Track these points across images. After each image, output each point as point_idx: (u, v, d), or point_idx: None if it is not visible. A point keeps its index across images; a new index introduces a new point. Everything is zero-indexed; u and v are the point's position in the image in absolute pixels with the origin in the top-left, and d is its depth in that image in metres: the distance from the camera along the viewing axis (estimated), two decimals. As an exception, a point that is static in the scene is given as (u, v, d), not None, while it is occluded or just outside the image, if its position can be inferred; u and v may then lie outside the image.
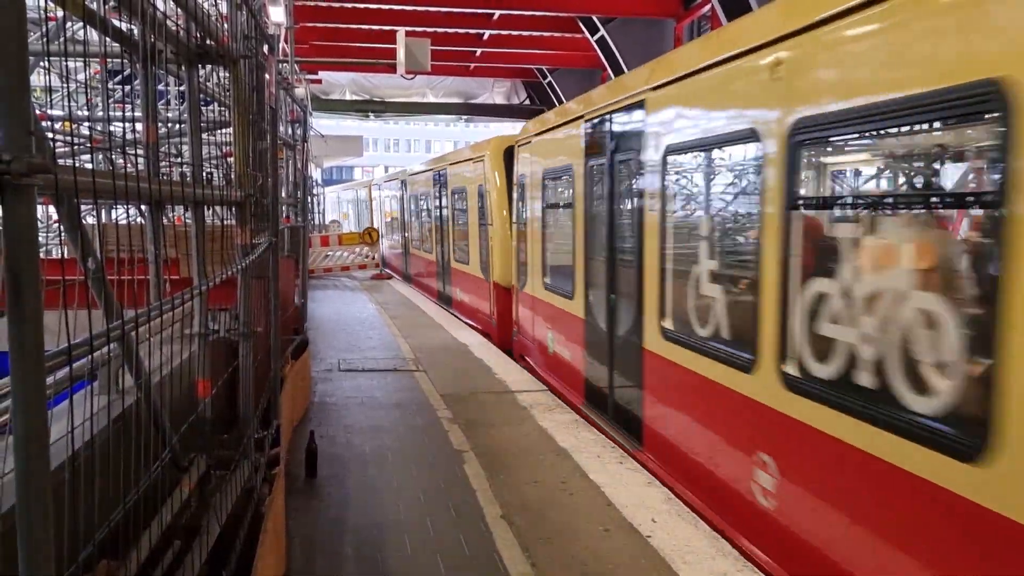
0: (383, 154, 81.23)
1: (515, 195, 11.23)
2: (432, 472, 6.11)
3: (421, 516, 5.25)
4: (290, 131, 12.74)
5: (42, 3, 2.86)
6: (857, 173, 4.84)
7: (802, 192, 4.44)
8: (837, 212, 4.36)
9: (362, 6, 18.99)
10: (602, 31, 19.63)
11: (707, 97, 5.42)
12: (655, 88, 6.13)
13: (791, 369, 4.29)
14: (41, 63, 4.74)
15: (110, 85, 7.42)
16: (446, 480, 5.93)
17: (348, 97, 29.71)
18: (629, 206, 6.93)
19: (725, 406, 5.03)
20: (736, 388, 4.87)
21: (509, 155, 11.81)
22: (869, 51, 3.75)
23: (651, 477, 5.98)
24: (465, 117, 33.40)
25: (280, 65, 10.70)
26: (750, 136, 4.72)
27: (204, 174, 3.64)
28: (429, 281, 18.41)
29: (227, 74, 3.90)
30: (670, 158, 5.93)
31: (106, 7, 2.85)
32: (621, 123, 7.06)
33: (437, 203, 16.69)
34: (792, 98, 4.30)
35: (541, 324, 9.84)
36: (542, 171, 9.64)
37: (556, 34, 21.64)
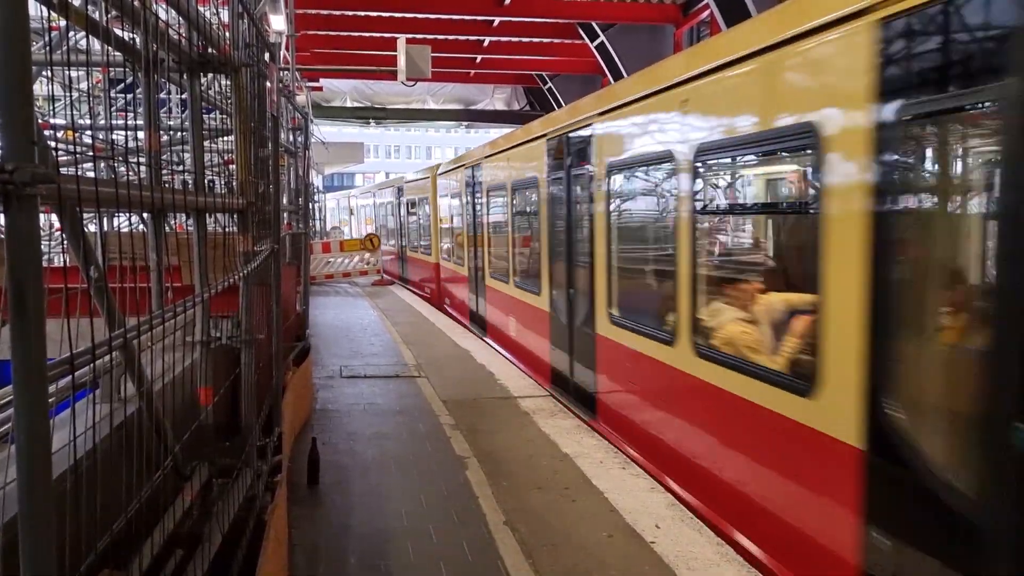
0: (384, 161, 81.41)
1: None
2: (434, 479, 6.10)
3: (424, 523, 5.24)
4: (291, 138, 12.77)
5: (45, 13, 2.88)
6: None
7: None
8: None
9: (363, 14, 19.05)
10: (602, 37, 19.67)
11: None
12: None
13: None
14: (44, 72, 4.76)
15: (112, 94, 7.44)
16: (448, 487, 5.91)
17: (349, 104, 29.78)
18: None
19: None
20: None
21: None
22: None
23: (655, 483, 5.97)
24: (466, 123, 33.46)
25: (281, 73, 10.73)
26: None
27: (206, 182, 3.65)
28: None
29: (229, 82, 3.91)
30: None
31: (108, 16, 2.86)
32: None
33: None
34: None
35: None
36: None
37: (556, 40, 21.70)
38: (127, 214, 4.81)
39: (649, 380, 6.41)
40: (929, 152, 3.81)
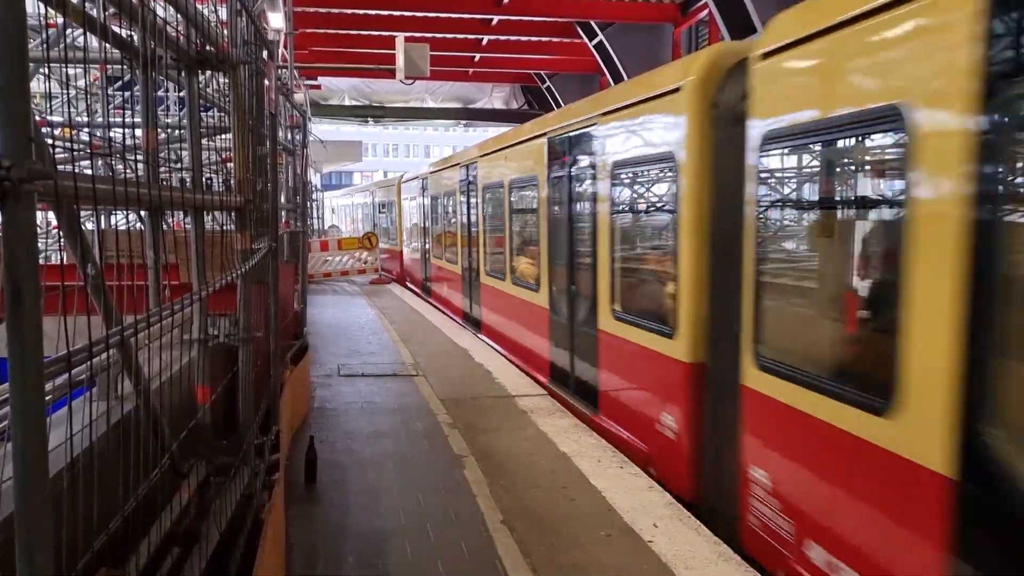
0: (382, 159, 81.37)
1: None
2: (432, 477, 6.09)
3: (421, 522, 5.23)
4: (289, 136, 12.75)
5: (42, 10, 2.87)
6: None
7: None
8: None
9: (361, 12, 19.02)
10: (600, 36, 19.66)
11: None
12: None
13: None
14: (41, 69, 4.75)
15: (110, 91, 7.42)
16: (446, 485, 5.91)
17: (347, 102, 29.75)
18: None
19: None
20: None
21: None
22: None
23: (652, 482, 5.96)
24: (464, 122, 33.44)
25: (280, 71, 10.71)
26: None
27: (204, 180, 3.64)
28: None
29: (227, 80, 3.90)
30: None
31: (106, 13, 2.85)
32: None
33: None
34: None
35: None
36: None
37: (554, 39, 21.68)
38: (124, 212, 4.81)
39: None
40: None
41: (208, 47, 3.47)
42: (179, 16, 3.19)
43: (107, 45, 3.01)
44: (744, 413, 5.00)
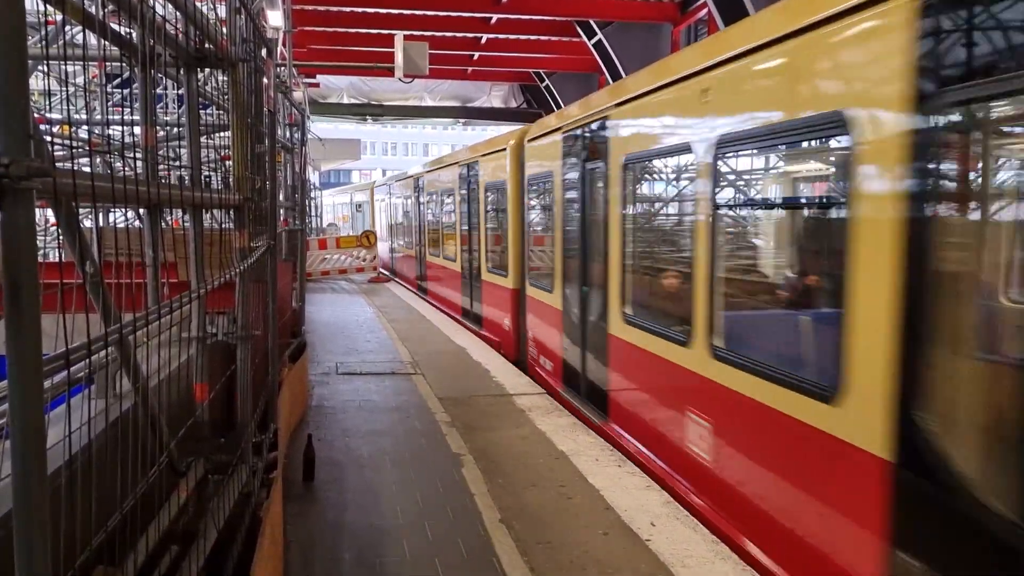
0: (381, 157, 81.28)
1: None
2: (430, 476, 6.10)
3: (419, 520, 5.24)
4: (288, 134, 12.74)
5: (40, 7, 2.86)
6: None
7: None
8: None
9: (360, 10, 18.99)
10: (599, 35, 19.65)
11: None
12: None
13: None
14: (39, 67, 4.73)
15: (108, 88, 7.41)
16: (444, 484, 5.91)
17: (346, 101, 29.71)
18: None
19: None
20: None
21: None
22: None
23: (650, 481, 5.97)
24: (463, 120, 33.42)
25: (279, 69, 10.70)
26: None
27: (203, 177, 3.64)
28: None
29: (226, 78, 3.90)
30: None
31: (105, 11, 2.84)
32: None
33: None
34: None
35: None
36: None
37: (553, 38, 21.67)
38: (123, 210, 4.80)
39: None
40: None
41: (207, 45, 3.47)
42: (178, 14, 3.19)
43: (106, 42, 3.00)
44: (526, 308, 10.67)
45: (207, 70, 3.86)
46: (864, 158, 3.69)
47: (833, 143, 4.26)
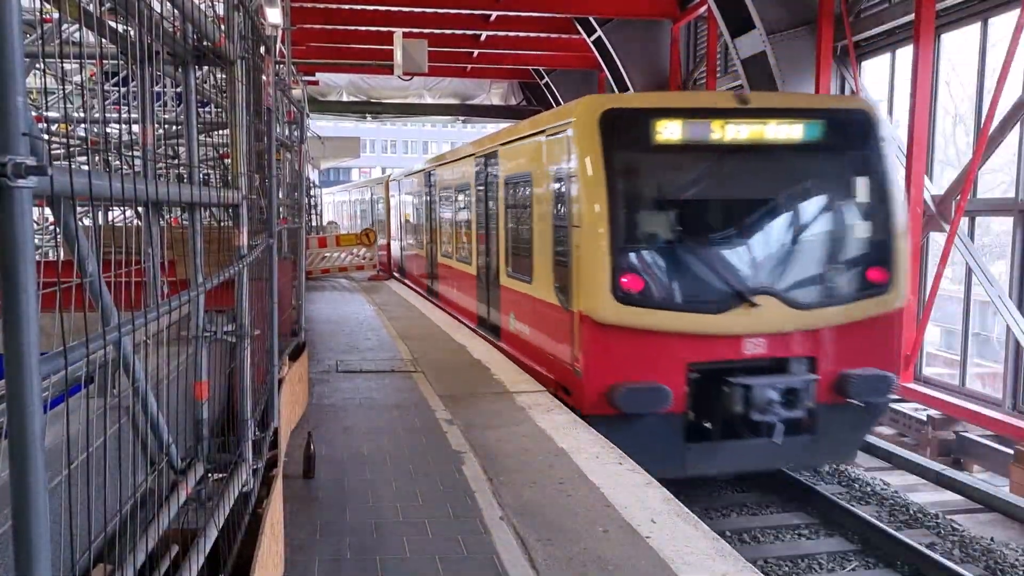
0: (380, 155, 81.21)
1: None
2: (430, 474, 6.10)
3: (420, 518, 5.24)
4: (287, 132, 12.73)
5: (38, 4, 2.86)
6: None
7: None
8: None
9: (359, 7, 18.97)
10: (599, 32, 19.62)
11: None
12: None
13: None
14: (37, 65, 4.73)
15: (106, 87, 7.39)
16: (444, 482, 5.91)
17: (345, 98, 29.67)
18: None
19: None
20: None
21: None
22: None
23: (650, 478, 5.97)
24: (462, 118, 33.38)
25: (277, 66, 10.68)
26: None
27: (201, 175, 3.63)
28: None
29: (224, 76, 3.89)
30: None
31: (102, 8, 2.84)
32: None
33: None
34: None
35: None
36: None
37: (553, 35, 21.63)
38: (121, 208, 4.79)
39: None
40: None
41: (205, 42, 3.46)
42: (176, 11, 3.18)
43: (103, 40, 2.99)
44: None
45: (205, 68, 3.85)
46: (526, 187, 9.79)
47: (539, 181, 9.51)
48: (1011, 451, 8.89)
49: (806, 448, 8.17)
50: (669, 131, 8.06)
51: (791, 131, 8.27)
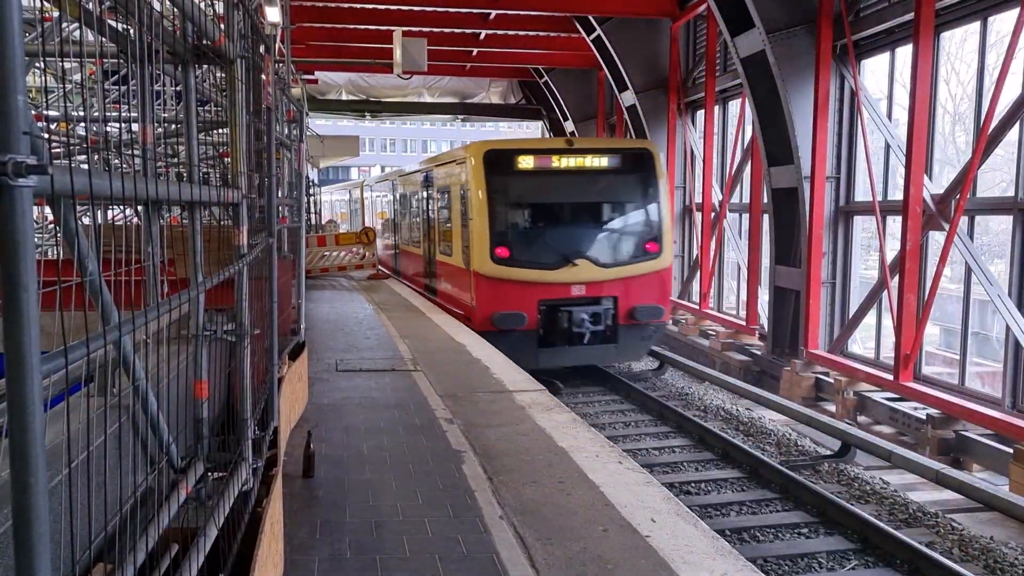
0: (380, 154, 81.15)
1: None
2: (430, 473, 6.10)
3: (419, 517, 5.24)
4: (287, 131, 12.73)
5: (38, 3, 2.85)
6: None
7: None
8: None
9: (359, 6, 18.95)
10: (598, 31, 19.61)
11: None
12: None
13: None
14: (36, 63, 4.72)
15: (106, 85, 7.38)
16: (444, 481, 5.92)
17: (344, 97, 29.65)
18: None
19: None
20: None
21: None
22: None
23: (650, 477, 5.98)
24: (462, 117, 33.38)
25: (277, 65, 10.67)
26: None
27: (201, 174, 3.63)
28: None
29: (223, 74, 3.89)
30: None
31: (102, 7, 2.83)
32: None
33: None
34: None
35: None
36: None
37: (552, 34, 21.62)
38: (121, 207, 4.79)
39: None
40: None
41: (205, 41, 3.45)
42: (175, 10, 3.17)
43: (103, 39, 2.99)
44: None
45: (205, 66, 3.85)
46: (447, 195, 15.43)
47: (452, 192, 14.81)
48: (1011, 450, 8.90)
49: (611, 352, 13.97)
50: (525, 162, 13.74)
51: (599, 161, 13.96)
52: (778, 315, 14.24)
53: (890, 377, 11.24)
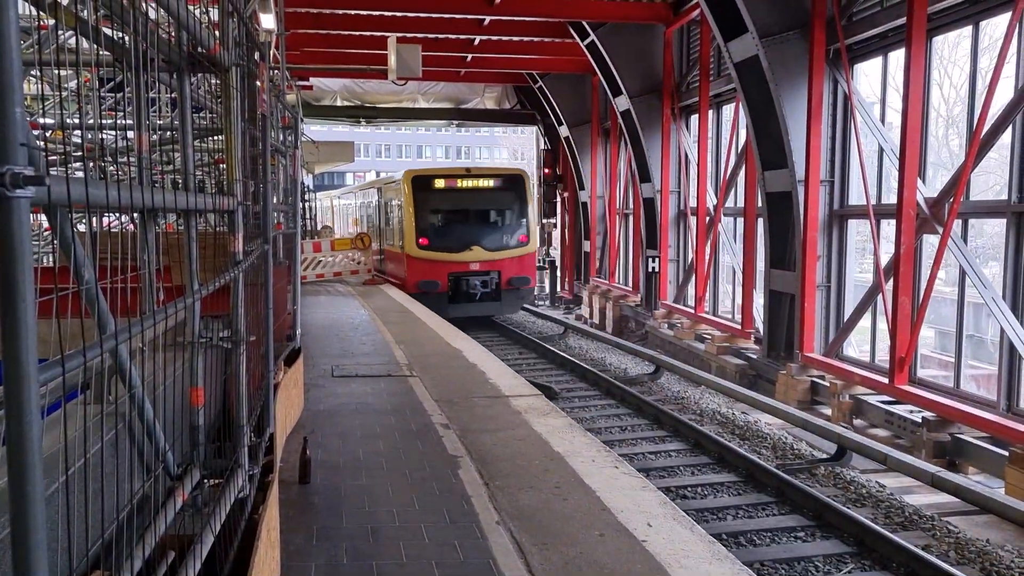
0: (375, 159, 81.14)
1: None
2: (426, 478, 6.10)
3: (416, 523, 5.24)
4: (281, 137, 12.72)
5: (33, 12, 2.86)
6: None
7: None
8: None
9: (353, 12, 18.98)
10: (592, 36, 19.67)
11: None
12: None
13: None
14: (32, 72, 4.72)
15: (101, 93, 7.38)
16: (441, 486, 5.92)
17: (339, 103, 29.66)
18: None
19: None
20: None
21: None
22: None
23: (647, 481, 5.99)
24: (456, 122, 33.41)
25: (272, 72, 10.67)
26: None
27: (196, 181, 3.63)
28: None
29: (219, 81, 3.90)
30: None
31: (97, 15, 2.84)
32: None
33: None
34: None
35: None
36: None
37: (546, 39, 21.67)
38: (118, 215, 4.79)
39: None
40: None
41: (200, 49, 3.47)
42: (170, 18, 3.18)
43: (98, 47, 3.00)
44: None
45: (200, 74, 3.86)
46: (390, 204, 24.67)
47: (393, 202, 24.23)
48: (1006, 453, 8.93)
49: (496, 307, 21.85)
50: (438, 183, 22.00)
51: (487, 182, 22.30)
52: (773, 319, 14.27)
53: (885, 380, 11.26)
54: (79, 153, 6.52)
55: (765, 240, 14.41)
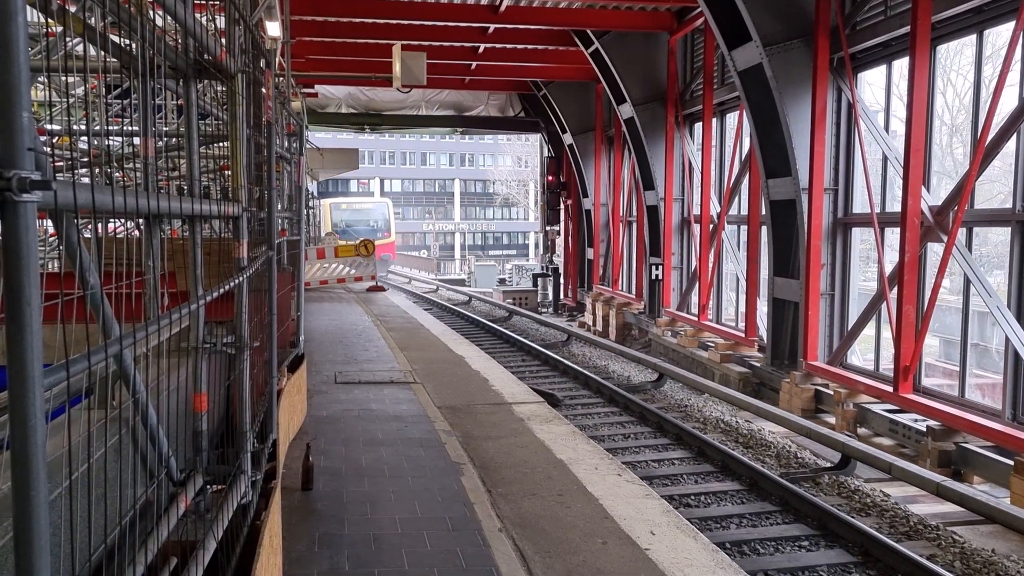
0: (379, 167, 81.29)
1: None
2: (429, 485, 6.09)
3: (418, 530, 5.23)
4: (286, 144, 12.77)
5: (41, 19, 2.88)
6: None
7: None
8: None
9: (358, 20, 19.06)
10: (596, 44, 19.72)
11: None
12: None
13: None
14: (40, 78, 4.75)
15: (108, 99, 7.42)
16: (443, 493, 5.91)
17: (344, 110, 29.74)
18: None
19: None
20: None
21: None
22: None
23: (650, 489, 5.97)
24: (460, 129, 33.48)
25: (277, 79, 10.72)
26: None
27: (201, 188, 3.65)
28: None
29: (224, 88, 3.91)
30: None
31: (105, 23, 2.86)
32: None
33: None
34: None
35: None
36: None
37: (550, 48, 21.73)
38: (123, 220, 4.80)
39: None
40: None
41: (206, 56, 3.48)
42: (177, 26, 3.20)
43: (105, 54, 3.02)
44: None
45: (206, 81, 3.88)
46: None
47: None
48: (1011, 462, 8.89)
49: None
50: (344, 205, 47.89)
51: (368, 203, 50.59)
52: (777, 327, 14.24)
53: (890, 389, 11.23)
54: (85, 159, 6.56)
55: (769, 248, 14.40)
